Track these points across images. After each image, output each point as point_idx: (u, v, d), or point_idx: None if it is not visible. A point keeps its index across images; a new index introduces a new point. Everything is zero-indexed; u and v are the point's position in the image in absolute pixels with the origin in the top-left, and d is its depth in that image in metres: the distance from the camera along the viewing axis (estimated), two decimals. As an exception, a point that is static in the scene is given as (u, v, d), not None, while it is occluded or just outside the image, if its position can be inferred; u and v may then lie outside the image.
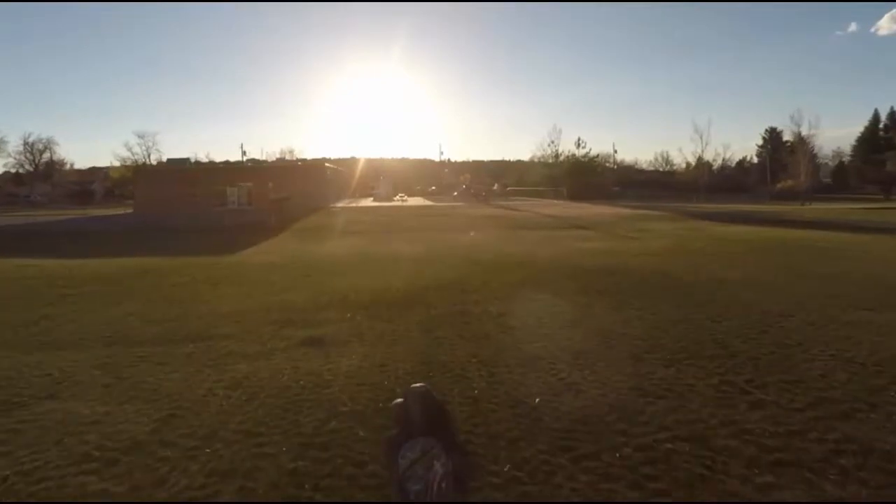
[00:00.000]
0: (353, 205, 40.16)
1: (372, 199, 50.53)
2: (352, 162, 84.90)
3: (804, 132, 50.58)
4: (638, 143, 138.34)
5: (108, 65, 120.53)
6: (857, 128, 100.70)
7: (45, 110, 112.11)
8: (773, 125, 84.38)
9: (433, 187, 73.61)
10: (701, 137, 65.45)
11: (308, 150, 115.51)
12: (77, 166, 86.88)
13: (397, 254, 13.36)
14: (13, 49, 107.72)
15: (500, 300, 7.74)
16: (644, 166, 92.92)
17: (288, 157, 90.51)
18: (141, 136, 69.74)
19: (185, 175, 39.98)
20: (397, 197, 49.83)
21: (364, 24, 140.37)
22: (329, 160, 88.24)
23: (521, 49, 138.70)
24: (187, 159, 56.02)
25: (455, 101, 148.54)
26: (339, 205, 40.15)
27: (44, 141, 70.08)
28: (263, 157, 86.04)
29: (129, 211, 38.35)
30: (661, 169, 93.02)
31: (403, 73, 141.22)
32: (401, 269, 10.70)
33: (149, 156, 66.07)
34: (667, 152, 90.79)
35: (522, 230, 19.97)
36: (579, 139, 54.27)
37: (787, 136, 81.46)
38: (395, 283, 9.29)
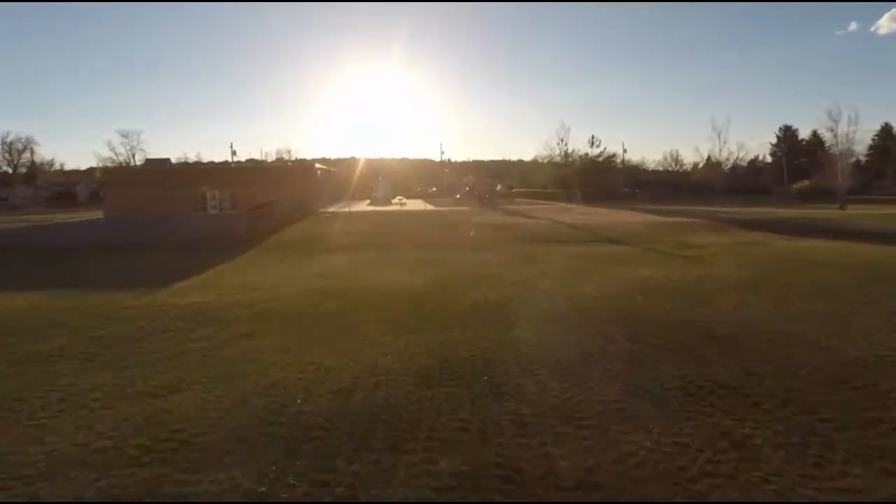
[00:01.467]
0: (347, 209, 36.58)
1: (369, 201, 47.00)
2: (351, 162, 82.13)
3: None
4: (638, 143, 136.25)
5: (108, 65, 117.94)
6: (858, 127, 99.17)
7: (44, 110, 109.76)
8: (789, 123, 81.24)
9: (434, 188, 70.09)
10: (719, 136, 61.89)
11: (308, 150, 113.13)
12: (78, 167, 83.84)
13: (387, 290, 9.74)
14: (11, 49, 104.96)
15: (568, 424, 4.13)
16: (651, 166, 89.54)
17: (286, 157, 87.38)
18: (125, 136, 66.11)
19: (161, 177, 36.53)
20: (395, 200, 46.24)
21: (364, 24, 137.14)
22: (328, 160, 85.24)
23: (521, 49, 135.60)
24: (167, 160, 52.36)
25: (455, 101, 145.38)
26: (332, 209, 36.58)
27: (23, 140, 66.42)
28: (262, 157, 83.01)
29: (100, 216, 34.79)
30: (669, 169, 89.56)
31: (403, 73, 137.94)
32: (388, 326, 7.10)
33: (133, 156, 62.45)
34: (676, 151, 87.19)
35: (545, 246, 16.35)
36: (593, 137, 50.65)
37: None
38: (377, 360, 5.70)
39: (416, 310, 7.96)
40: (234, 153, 58.35)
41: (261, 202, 28.08)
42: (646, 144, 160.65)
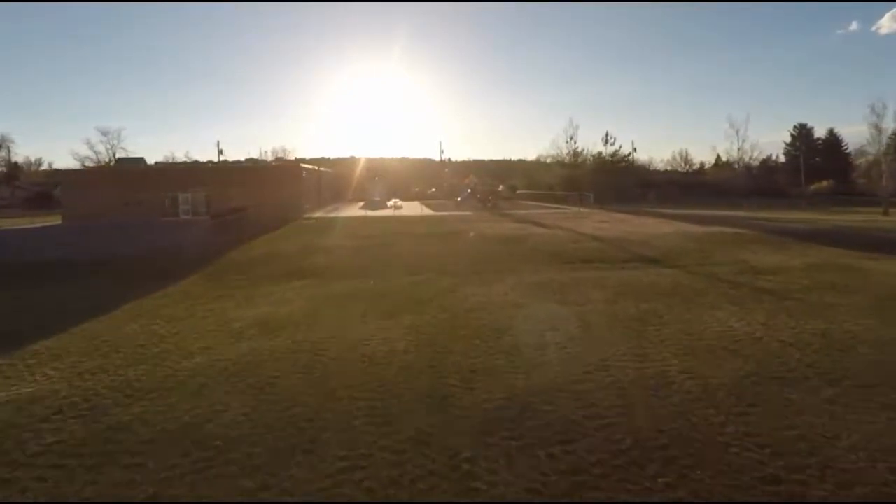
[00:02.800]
0: (335, 214, 32.99)
1: (362, 204, 43.43)
2: (351, 162, 79.50)
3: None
4: (640, 143, 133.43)
5: (106, 65, 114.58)
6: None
7: (42, 110, 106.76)
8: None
9: (433, 189, 66.44)
10: (737, 134, 58.16)
11: (308, 149, 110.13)
12: (70, 166, 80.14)
13: (349, 364, 6.12)
14: (10, 48, 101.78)
15: None
16: (659, 166, 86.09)
17: (282, 156, 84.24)
18: (105, 133, 62.16)
19: (126, 178, 32.79)
20: (391, 203, 42.58)
21: (364, 24, 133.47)
22: (328, 160, 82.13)
23: (521, 49, 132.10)
24: (141, 159, 48.61)
25: (455, 101, 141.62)
26: (318, 214, 32.99)
27: (-3, 138, 62.75)
28: (261, 157, 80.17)
29: (58, 222, 31.17)
30: (679, 169, 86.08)
31: (403, 73, 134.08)
32: (329, 491, 3.51)
33: (114, 154, 58.66)
34: (686, 151, 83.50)
35: (571, 270, 12.74)
36: (607, 134, 46.89)
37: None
38: None
39: (386, 430, 4.35)
40: (220, 152, 54.62)
41: (232, 208, 24.52)
42: (647, 144, 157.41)
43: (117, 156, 57.48)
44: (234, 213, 23.55)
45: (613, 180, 46.17)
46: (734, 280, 11.14)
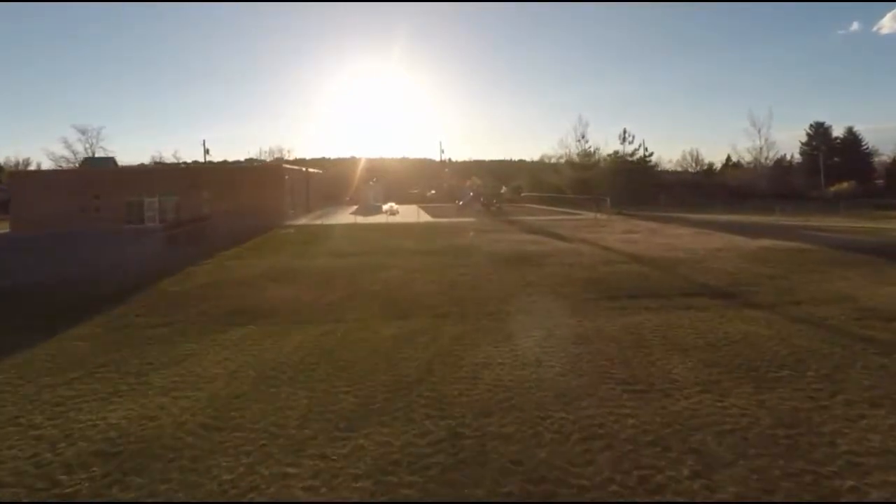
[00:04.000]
0: (321, 221, 29.44)
1: (355, 209, 39.92)
2: (351, 162, 77.08)
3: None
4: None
5: (108, 66, 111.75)
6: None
7: (43, 110, 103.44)
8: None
9: (432, 191, 62.85)
10: (759, 132, 54.53)
11: (308, 150, 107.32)
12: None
13: None
14: (13, 49, 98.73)
15: None
16: (667, 166, 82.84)
17: (279, 156, 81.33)
18: (83, 132, 58.69)
19: (87, 182, 29.01)
20: (386, 207, 39.07)
21: (364, 24, 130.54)
22: (328, 160, 79.04)
23: (521, 49, 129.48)
24: (111, 159, 45.15)
25: (455, 100, 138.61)
26: (302, 221, 29.48)
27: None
28: (261, 157, 77.59)
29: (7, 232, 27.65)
30: (689, 169, 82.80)
31: (403, 73, 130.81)
32: None
33: (93, 154, 55.16)
34: (696, 150, 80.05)
35: (620, 310, 9.17)
36: (625, 132, 43.17)
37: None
38: None
39: None
40: (206, 151, 51.05)
41: (194, 216, 21.01)
42: (648, 144, 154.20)
43: (96, 156, 54.02)
44: (198, 222, 20.01)
45: (628, 182, 42.53)
46: (863, 334, 7.61)
